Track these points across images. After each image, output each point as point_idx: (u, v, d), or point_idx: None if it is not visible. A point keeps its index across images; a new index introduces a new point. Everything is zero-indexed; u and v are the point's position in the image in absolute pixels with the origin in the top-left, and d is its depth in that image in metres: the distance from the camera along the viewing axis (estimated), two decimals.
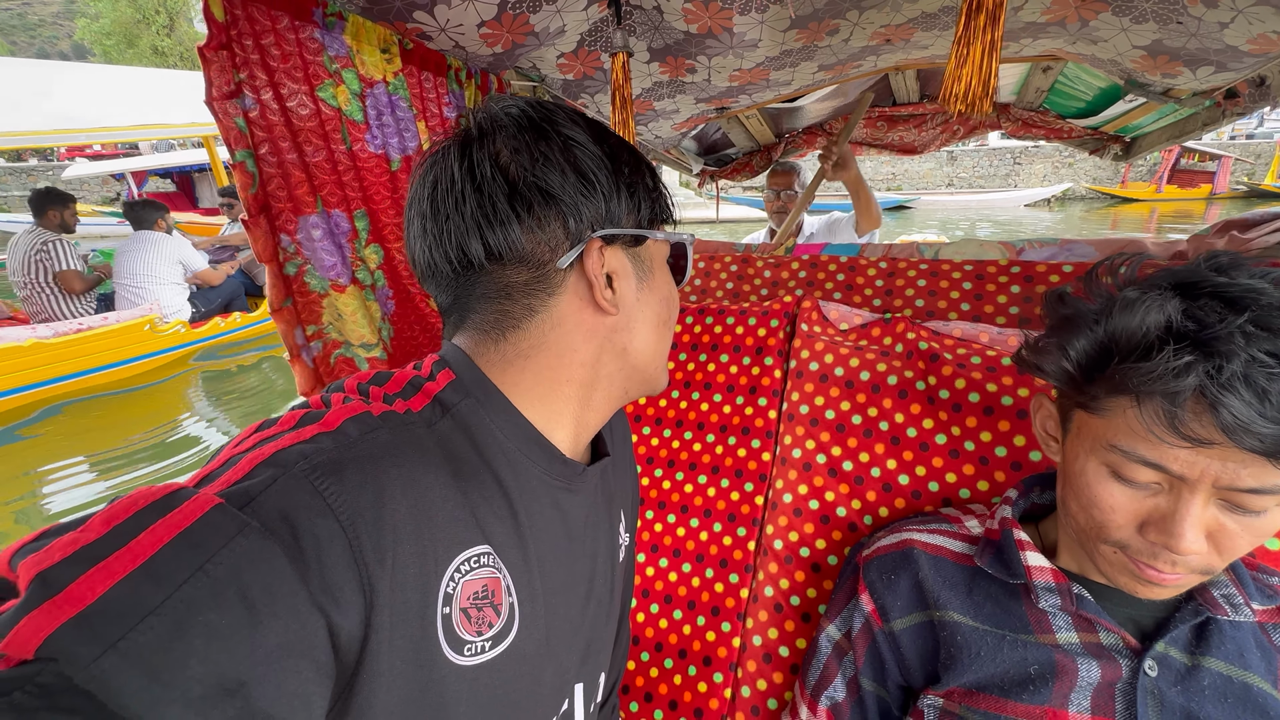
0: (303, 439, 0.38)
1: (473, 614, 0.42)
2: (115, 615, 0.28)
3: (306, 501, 0.35)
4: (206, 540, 0.31)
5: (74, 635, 0.27)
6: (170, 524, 0.31)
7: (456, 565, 0.42)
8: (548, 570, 0.50)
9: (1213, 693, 0.54)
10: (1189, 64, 1.25)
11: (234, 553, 0.31)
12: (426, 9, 1.04)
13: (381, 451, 0.39)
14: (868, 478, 0.88)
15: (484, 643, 0.43)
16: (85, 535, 0.30)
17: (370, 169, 1.12)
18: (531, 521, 0.48)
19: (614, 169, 0.50)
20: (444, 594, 0.41)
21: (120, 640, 0.28)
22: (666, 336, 0.57)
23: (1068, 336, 0.56)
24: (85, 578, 0.29)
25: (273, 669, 0.31)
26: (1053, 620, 0.61)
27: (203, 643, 0.29)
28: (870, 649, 0.69)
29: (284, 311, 1.04)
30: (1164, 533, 0.51)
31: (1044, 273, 0.97)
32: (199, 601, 0.30)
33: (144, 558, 0.30)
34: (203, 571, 0.30)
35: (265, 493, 0.34)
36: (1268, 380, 0.45)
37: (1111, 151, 1.99)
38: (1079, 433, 0.58)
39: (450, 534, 0.42)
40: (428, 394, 0.47)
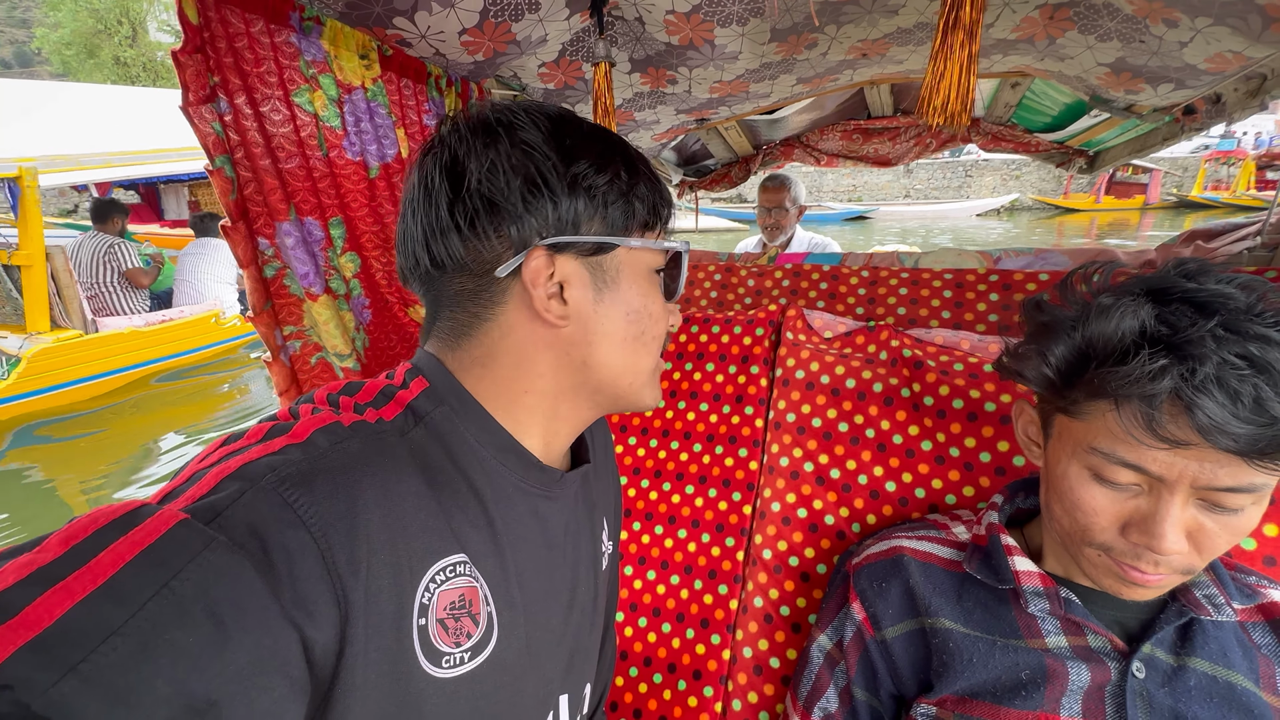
0: (271, 451, 0.37)
1: (450, 625, 0.41)
2: (75, 637, 0.27)
3: (276, 514, 0.34)
4: (171, 557, 0.30)
5: (30, 660, 0.26)
6: (132, 541, 0.30)
7: (431, 575, 0.41)
8: (526, 579, 0.49)
9: (1199, 693, 0.55)
10: (1150, 81, 1.30)
11: (200, 568, 0.30)
12: (407, 15, 1.02)
13: (352, 461, 0.39)
14: (855, 485, 0.88)
15: (462, 654, 0.42)
16: (42, 556, 0.29)
17: (347, 176, 1.10)
18: (508, 529, 0.48)
19: (569, 171, 0.47)
20: (419, 604, 0.40)
21: (81, 663, 0.26)
22: (641, 352, 0.52)
23: (1047, 343, 0.57)
24: (42, 599, 0.27)
25: (244, 687, 0.30)
26: (1042, 625, 0.61)
27: (169, 662, 0.28)
28: (862, 658, 0.69)
29: (264, 315, 1.01)
30: (1146, 533, 0.52)
31: (1021, 281, 1.00)
32: (164, 620, 0.28)
33: (105, 577, 0.28)
34: (168, 589, 0.29)
35: (232, 506, 0.33)
36: (1239, 381, 0.46)
37: (1076, 165, 2.06)
38: (1060, 437, 0.59)
39: (424, 543, 0.41)
40: (400, 402, 0.46)
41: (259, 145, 0.92)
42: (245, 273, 0.98)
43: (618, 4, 1.19)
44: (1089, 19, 1.18)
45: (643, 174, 0.52)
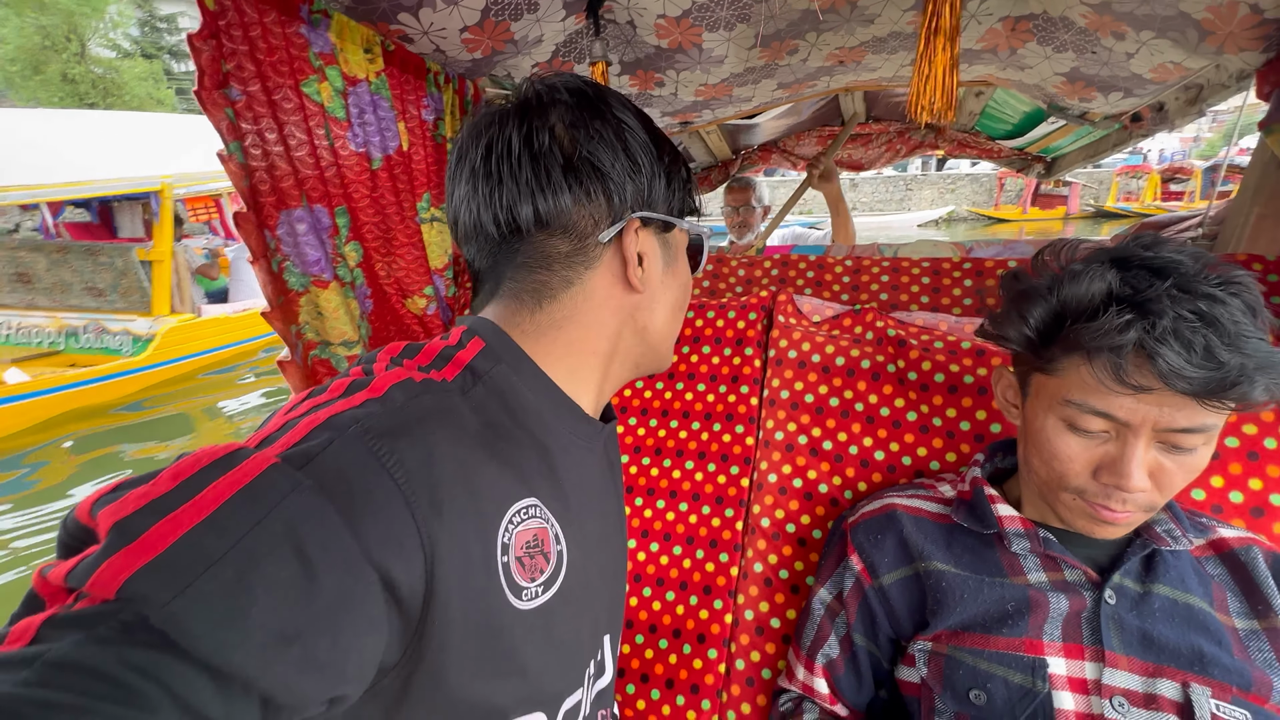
0: (354, 405, 0.39)
1: (526, 561, 0.45)
2: (184, 563, 0.30)
3: (362, 461, 0.36)
4: (264, 496, 0.32)
5: (148, 580, 0.29)
6: (232, 480, 0.32)
7: (509, 517, 0.44)
8: (585, 520, 0.53)
9: (1162, 614, 0.61)
10: (1101, 89, 1.42)
11: (289, 509, 0.33)
12: (411, 11, 1.06)
13: (427, 414, 0.41)
14: (846, 455, 0.94)
15: (537, 587, 0.46)
16: (156, 488, 0.32)
17: (350, 166, 1.12)
18: (569, 476, 0.51)
19: (658, 155, 0.53)
20: (501, 544, 0.43)
21: (189, 587, 0.29)
22: (678, 320, 0.60)
23: (1026, 307, 0.63)
24: (157, 528, 0.30)
25: (327, 622, 0.32)
26: (1023, 563, 0.67)
27: (262, 593, 0.31)
28: (862, 605, 0.74)
29: (279, 309, 1.02)
30: (1115, 474, 0.58)
31: (992, 268, 1.08)
32: (258, 554, 0.31)
33: (208, 511, 0.31)
34: (261, 526, 0.32)
35: (323, 454, 0.35)
36: (1192, 333, 0.53)
37: (1035, 170, 2.20)
38: (1037, 394, 0.65)
39: (499, 489, 0.44)
40: (459, 363, 0.48)
41: (273, 131, 0.94)
42: (257, 265, 0.99)
43: (610, 7, 1.25)
44: (1047, 31, 1.28)
45: (689, 168, 0.59)
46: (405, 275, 1.28)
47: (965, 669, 0.64)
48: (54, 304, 4.37)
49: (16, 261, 4.25)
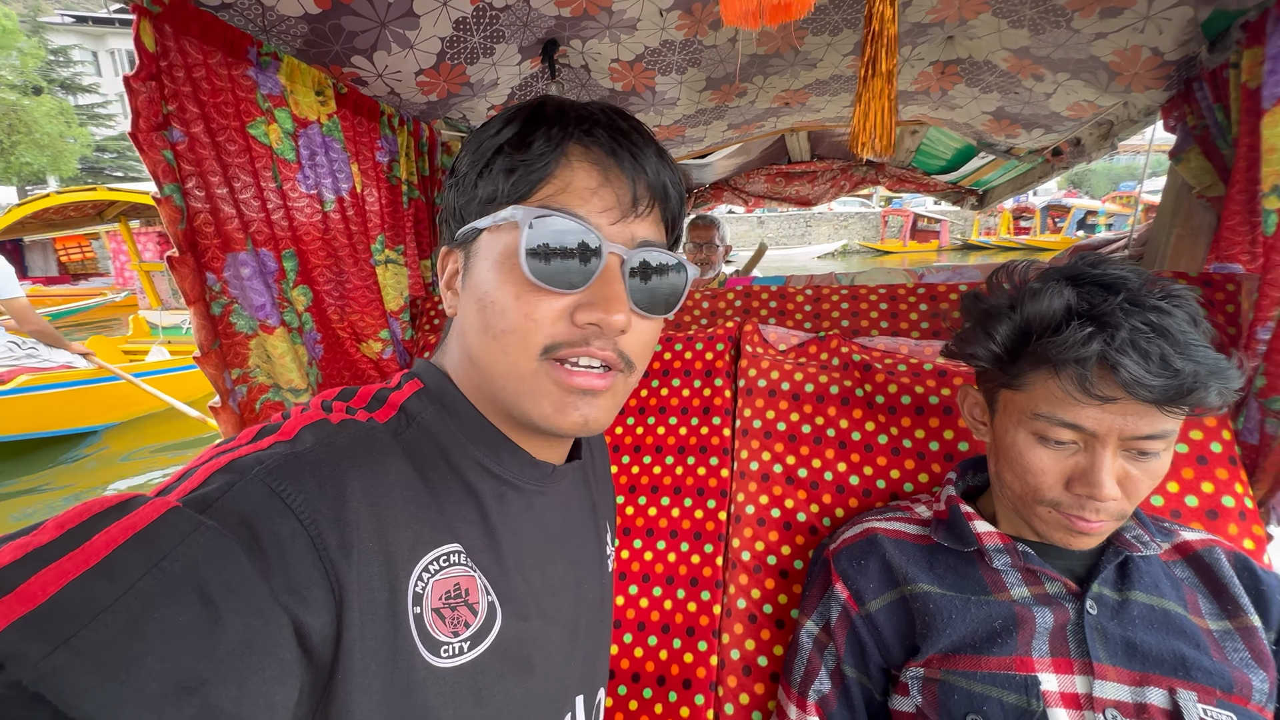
0: (259, 448, 0.38)
1: (446, 614, 0.42)
2: (67, 613, 0.27)
3: (265, 503, 0.34)
4: (163, 539, 0.30)
5: (23, 633, 0.26)
6: (126, 525, 0.30)
7: (425, 565, 0.41)
8: (528, 572, 0.49)
9: (1142, 621, 0.62)
10: (1025, 126, 1.53)
11: (191, 549, 0.31)
12: (365, 54, 1.05)
13: (339, 455, 0.39)
14: (822, 482, 0.94)
15: (461, 643, 0.42)
16: (37, 539, 0.29)
17: (301, 209, 1.08)
18: (505, 523, 0.48)
19: (478, 156, 0.47)
20: (413, 593, 0.40)
21: (72, 638, 0.27)
22: (496, 348, 0.46)
23: (991, 325, 0.65)
24: (36, 578, 0.28)
25: (234, 667, 0.30)
26: (1005, 578, 0.67)
27: (159, 640, 0.28)
28: (850, 635, 0.72)
29: (212, 355, 0.96)
30: (1087, 484, 0.60)
31: (945, 292, 1.12)
32: (155, 598, 0.29)
33: (98, 557, 0.29)
34: (159, 568, 0.29)
35: (223, 498, 0.34)
36: (1147, 343, 0.55)
37: (969, 202, 2.34)
38: (1005, 410, 0.67)
39: (415, 533, 0.41)
40: (393, 405, 0.47)
41: (216, 174, 0.91)
42: (192, 309, 0.94)
43: (565, 52, 1.28)
44: (973, 74, 1.38)
45: (514, 140, 0.46)
46: (359, 319, 1.23)
47: (960, 693, 0.63)
48: None
49: None
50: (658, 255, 0.47)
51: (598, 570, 0.60)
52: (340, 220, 1.14)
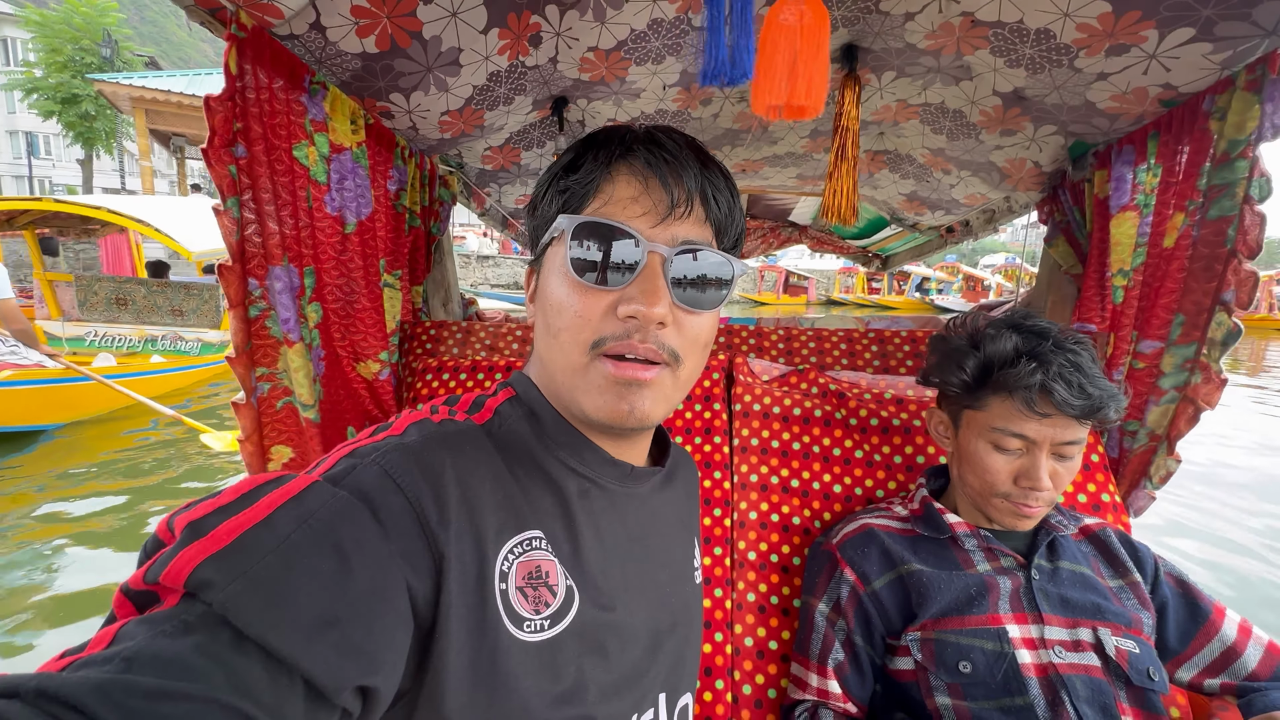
0: (375, 440, 0.46)
1: (529, 593, 0.46)
2: (244, 552, 0.35)
3: (380, 483, 0.42)
4: (309, 502, 0.38)
5: (214, 567, 0.34)
6: (283, 492, 0.38)
7: (510, 547, 0.46)
8: (608, 565, 0.53)
9: (1068, 582, 0.84)
10: (930, 208, 1.89)
11: (330, 512, 0.38)
12: (404, 93, 1.12)
13: (439, 446, 0.46)
14: (811, 491, 1.11)
15: (543, 621, 0.46)
16: (221, 499, 0.38)
17: (324, 228, 1.11)
18: (587, 518, 0.52)
19: (543, 185, 0.55)
20: (499, 570, 0.45)
21: (246, 573, 0.34)
22: (555, 346, 0.52)
23: (961, 360, 0.86)
24: (223, 526, 0.36)
25: (362, 610, 0.37)
26: (973, 557, 0.87)
27: (307, 580, 0.35)
28: (859, 610, 0.88)
29: (244, 356, 0.96)
30: (1030, 479, 0.81)
31: (890, 336, 1.37)
32: (303, 547, 0.36)
33: (265, 514, 0.37)
34: (306, 525, 0.37)
35: (348, 476, 0.41)
36: (1070, 375, 0.78)
37: (874, 264, 2.75)
38: (968, 426, 0.88)
39: (502, 518, 0.47)
40: (489, 409, 0.55)
41: (267, 191, 0.93)
42: (232, 313, 0.94)
43: (571, 108, 1.42)
44: (896, 163, 1.71)
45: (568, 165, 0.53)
46: (363, 338, 1.25)
47: (951, 647, 0.80)
48: (140, 320, 5.89)
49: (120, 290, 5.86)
50: (700, 252, 0.51)
51: (683, 578, 0.62)
52: (359, 243, 1.18)
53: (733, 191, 0.55)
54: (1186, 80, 0.95)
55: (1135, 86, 1.01)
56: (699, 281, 0.51)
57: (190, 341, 6.11)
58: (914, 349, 1.34)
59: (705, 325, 0.54)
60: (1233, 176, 0.91)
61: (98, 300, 5.97)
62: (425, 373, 1.34)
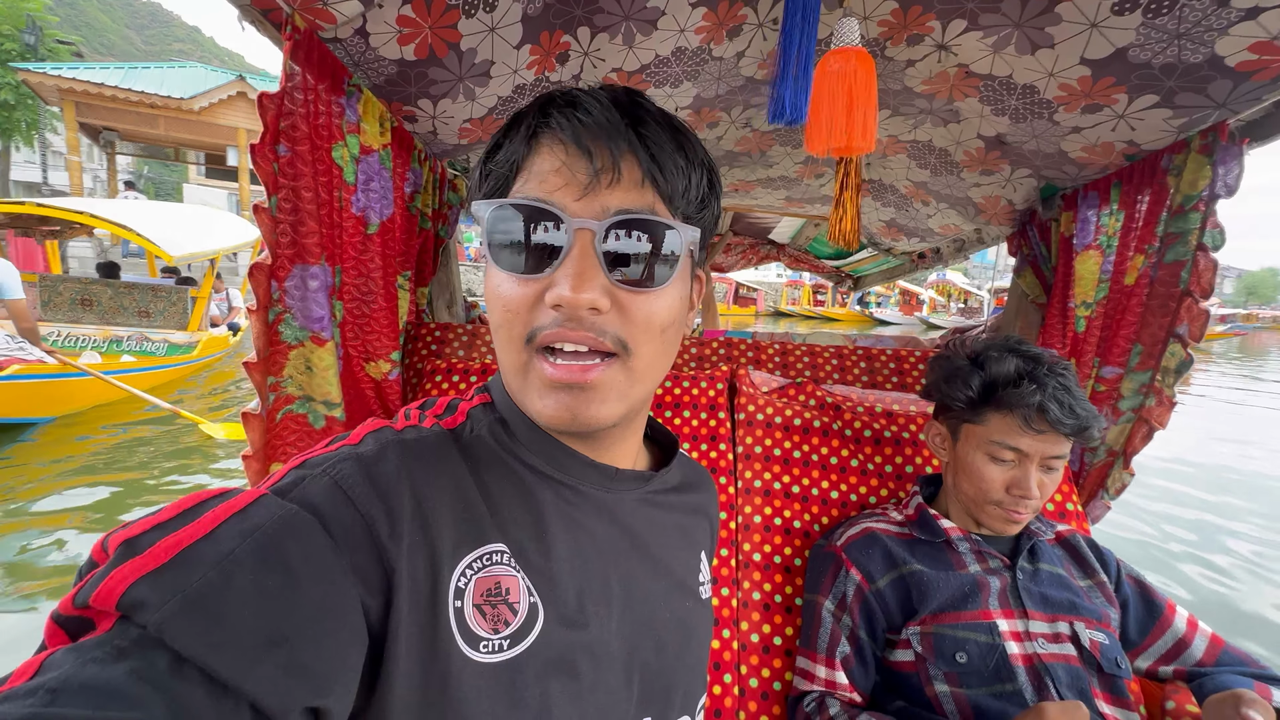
0: (329, 450, 0.43)
1: (487, 610, 0.42)
2: (183, 570, 0.32)
3: (329, 495, 0.39)
4: (254, 515, 0.36)
5: (149, 585, 0.31)
6: (227, 507, 0.36)
7: (468, 562, 0.43)
8: (585, 579, 0.48)
9: (1047, 581, 0.94)
10: (907, 235, 2.03)
11: (277, 526, 0.36)
12: (433, 99, 1.15)
13: (394, 454, 0.43)
14: (810, 496, 1.18)
15: (501, 640, 0.42)
16: (160, 516, 0.35)
17: (349, 228, 1.12)
18: (565, 525, 0.48)
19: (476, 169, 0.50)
20: (455, 587, 0.42)
21: (185, 591, 0.32)
22: (498, 344, 0.47)
23: (966, 377, 0.96)
24: (160, 543, 0.33)
25: (310, 629, 0.34)
26: (964, 559, 0.96)
27: (253, 597, 0.33)
28: (863, 607, 0.96)
29: (262, 361, 0.95)
30: (1021, 489, 0.91)
31: (876, 354, 1.47)
32: (248, 563, 0.34)
33: (207, 529, 0.34)
34: (251, 539, 0.34)
35: (298, 488, 0.39)
36: (1062, 397, 0.88)
37: (846, 284, 2.90)
38: (967, 438, 0.97)
39: (461, 532, 0.43)
40: (462, 413, 0.51)
41: (309, 190, 0.94)
42: (255, 317, 0.94)
43: None
44: (879, 192, 1.83)
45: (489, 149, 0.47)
46: (376, 338, 1.26)
47: (948, 639, 0.88)
48: (105, 321, 5.83)
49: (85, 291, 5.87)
50: (641, 221, 0.43)
51: (683, 592, 0.56)
52: (380, 243, 1.19)
53: (686, 148, 0.46)
54: (1148, 139, 1.08)
55: (1103, 140, 1.14)
56: (643, 256, 0.44)
57: (157, 343, 6.05)
58: (898, 366, 1.45)
59: (660, 306, 0.46)
60: (1186, 226, 1.04)
61: (61, 300, 5.88)
62: (435, 374, 1.35)
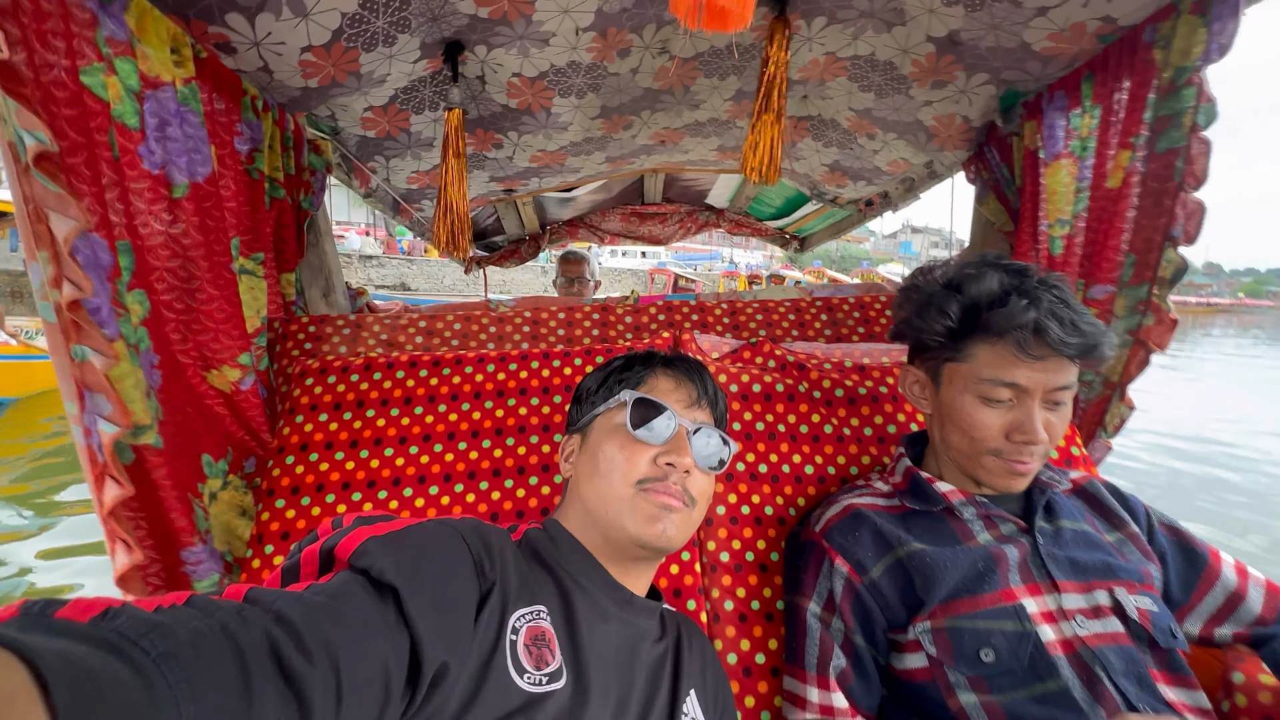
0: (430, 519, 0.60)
1: (533, 650, 0.55)
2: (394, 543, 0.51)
3: (452, 535, 0.56)
4: (431, 527, 0.55)
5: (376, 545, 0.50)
6: (413, 521, 0.55)
7: (523, 611, 0.57)
8: (598, 658, 0.60)
9: (1073, 542, 0.76)
10: (853, 179, 1.86)
11: (443, 534, 0.54)
12: (246, 14, 0.87)
13: (488, 527, 0.61)
14: (781, 475, 0.98)
15: (542, 676, 0.55)
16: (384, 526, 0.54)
17: (141, 192, 0.84)
18: (586, 620, 0.62)
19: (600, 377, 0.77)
20: (512, 625, 0.56)
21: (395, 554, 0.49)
22: (603, 483, 0.68)
23: (942, 304, 0.77)
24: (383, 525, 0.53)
25: (460, 606, 0.51)
26: (972, 528, 0.77)
27: (429, 571, 0.50)
28: (856, 605, 0.75)
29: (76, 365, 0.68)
30: (1024, 432, 0.72)
31: (838, 304, 1.28)
32: (429, 551, 0.52)
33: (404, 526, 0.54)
34: (430, 535, 0.53)
35: (446, 524, 0.57)
36: (1061, 311, 0.70)
37: (792, 246, 2.74)
38: (950, 380, 0.78)
39: (519, 585, 0.59)
40: (520, 532, 0.71)
41: (42, 130, 0.65)
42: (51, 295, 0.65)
43: (466, 58, 1.21)
44: (819, 130, 1.64)
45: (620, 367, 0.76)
46: (212, 339, 0.97)
47: (968, 634, 0.69)
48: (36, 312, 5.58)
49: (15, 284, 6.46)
50: (711, 430, 0.71)
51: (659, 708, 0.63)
52: (195, 211, 0.90)
53: (724, 400, 0.78)
54: (1128, 10, 0.92)
55: (1074, 21, 0.97)
56: (709, 451, 0.71)
57: None
58: (864, 315, 1.26)
59: (710, 483, 0.72)
60: (1179, 106, 0.88)
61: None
62: (305, 377, 1.07)
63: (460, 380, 1.07)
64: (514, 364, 1.09)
